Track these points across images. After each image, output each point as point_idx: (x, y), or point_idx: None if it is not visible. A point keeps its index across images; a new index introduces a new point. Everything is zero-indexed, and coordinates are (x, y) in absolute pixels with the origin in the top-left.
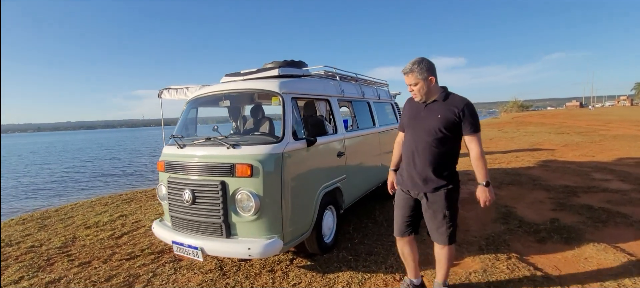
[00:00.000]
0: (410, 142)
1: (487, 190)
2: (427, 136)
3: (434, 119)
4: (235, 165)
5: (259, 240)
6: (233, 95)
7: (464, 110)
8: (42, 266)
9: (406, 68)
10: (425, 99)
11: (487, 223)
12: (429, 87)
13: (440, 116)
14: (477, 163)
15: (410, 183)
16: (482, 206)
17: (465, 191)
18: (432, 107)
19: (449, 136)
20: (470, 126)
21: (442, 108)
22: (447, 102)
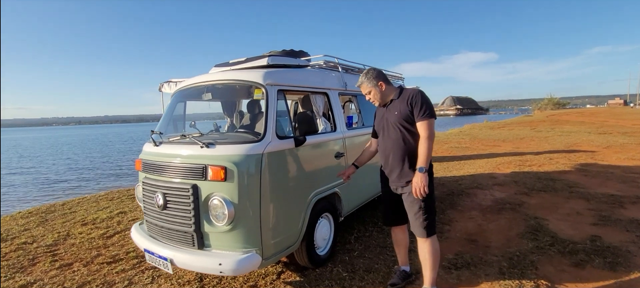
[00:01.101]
0: (382, 143)
1: (420, 177)
2: (394, 134)
3: (393, 116)
4: (208, 167)
5: (233, 254)
6: (215, 87)
7: (413, 98)
8: (24, 266)
9: (358, 82)
10: (382, 102)
11: (511, 238)
12: (381, 91)
13: (397, 112)
14: (421, 147)
15: (390, 179)
16: (414, 194)
17: (489, 197)
18: (391, 107)
19: (411, 128)
20: (419, 111)
21: (398, 103)
22: (401, 98)
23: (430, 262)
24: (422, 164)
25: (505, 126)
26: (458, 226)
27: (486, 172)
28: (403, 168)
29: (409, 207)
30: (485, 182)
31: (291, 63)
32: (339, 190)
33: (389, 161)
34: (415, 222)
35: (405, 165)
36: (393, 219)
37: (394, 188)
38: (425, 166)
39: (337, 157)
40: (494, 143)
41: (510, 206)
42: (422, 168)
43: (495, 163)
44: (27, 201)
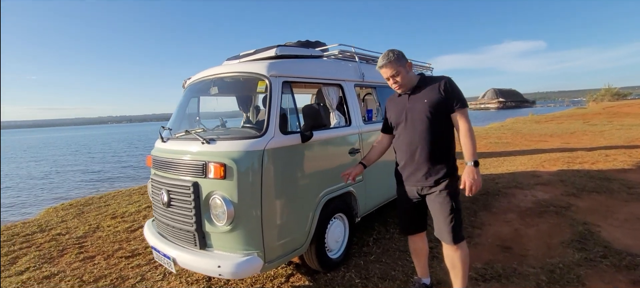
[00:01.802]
0: (406, 137)
1: (474, 171)
2: (421, 125)
3: (421, 105)
4: (208, 164)
5: (233, 256)
6: (221, 80)
7: (446, 86)
8: (53, 257)
9: (381, 62)
10: (407, 87)
11: (553, 246)
12: (409, 73)
13: (426, 99)
14: (466, 139)
15: (413, 179)
16: (467, 194)
17: (529, 198)
18: (415, 96)
19: (441, 118)
20: (456, 101)
21: (426, 91)
22: (430, 86)
23: (462, 270)
24: (473, 157)
25: (553, 120)
26: (490, 231)
27: (528, 170)
28: (433, 165)
29: (439, 210)
30: (526, 181)
31: (302, 53)
32: (354, 189)
33: (414, 158)
34: (444, 227)
35: (436, 161)
36: (413, 226)
37: (418, 190)
38: (476, 157)
39: (352, 154)
40: (540, 137)
41: (555, 209)
42: (476, 161)
43: (539, 159)
44: (73, 193)
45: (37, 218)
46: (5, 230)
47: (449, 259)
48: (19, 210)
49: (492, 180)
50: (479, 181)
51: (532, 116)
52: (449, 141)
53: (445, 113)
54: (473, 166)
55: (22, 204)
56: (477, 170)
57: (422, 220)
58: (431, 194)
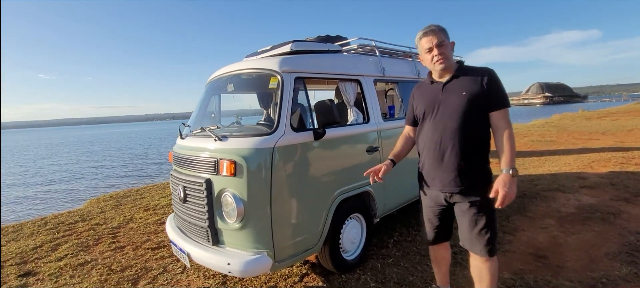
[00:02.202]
0: (434, 134)
1: (511, 181)
2: (455, 122)
3: (458, 98)
4: (219, 161)
5: (242, 254)
6: (237, 77)
7: (491, 80)
8: (89, 246)
9: (423, 30)
10: (448, 68)
11: (597, 258)
12: (451, 54)
13: (465, 92)
14: (505, 143)
15: (440, 184)
16: (498, 205)
17: (572, 203)
18: (452, 85)
19: (479, 115)
20: (500, 99)
21: (465, 82)
22: (470, 76)
23: (490, 284)
24: (510, 164)
25: (607, 116)
26: (524, 238)
27: (573, 171)
28: (466, 169)
29: (471, 221)
30: (569, 183)
31: (319, 49)
32: (371, 189)
33: (442, 159)
34: (478, 239)
35: (469, 165)
36: (438, 236)
37: (446, 196)
38: (514, 165)
39: (370, 152)
40: (590, 135)
41: (601, 215)
42: (514, 168)
43: (587, 159)
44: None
45: (81, 208)
46: (52, 218)
47: (476, 270)
48: (72, 199)
49: (531, 181)
50: (514, 192)
51: (583, 112)
52: (485, 142)
53: (485, 110)
54: (510, 175)
55: (73, 194)
56: (514, 181)
57: (447, 229)
58: (461, 203)
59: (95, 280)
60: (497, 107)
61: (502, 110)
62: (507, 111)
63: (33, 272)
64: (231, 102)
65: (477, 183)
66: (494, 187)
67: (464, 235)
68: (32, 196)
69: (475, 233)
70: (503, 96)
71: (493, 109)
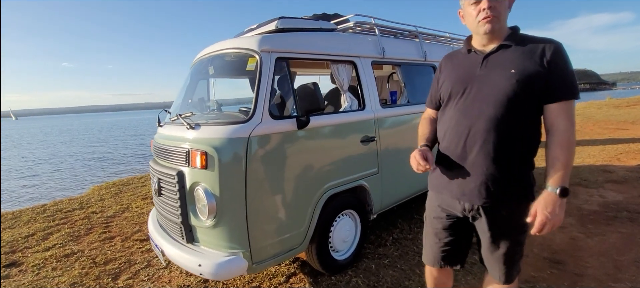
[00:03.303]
0: (461, 122)
1: (558, 204)
2: (494, 107)
3: (504, 78)
4: (191, 152)
5: (215, 254)
6: (217, 59)
7: (555, 57)
8: (79, 236)
9: None
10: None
11: (623, 264)
12: (507, 13)
13: (515, 70)
14: (562, 150)
15: (458, 190)
16: (537, 231)
17: (595, 199)
18: (497, 58)
19: (531, 104)
20: (565, 86)
21: (517, 56)
22: (523, 47)
23: None
24: (562, 181)
25: (637, 104)
26: (539, 238)
27: (598, 163)
28: (499, 176)
29: (494, 243)
30: (593, 177)
31: (308, 26)
32: (366, 183)
33: (467, 157)
34: (500, 265)
35: (506, 171)
36: (445, 258)
37: (466, 208)
38: (567, 184)
39: (365, 142)
40: (617, 125)
41: (629, 214)
42: (565, 188)
43: (614, 151)
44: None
45: (82, 195)
46: (52, 205)
47: None
48: (77, 186)
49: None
50: (561, 218)
51: (610, 100)
52: (533, 142)
53: (540, 99)
54: (558, 196)
55: (77, 180)
56: (563, 204)
57: (458, 251)
58: (484, 218)
59: (76, 273)
60: (559, 97)
61: (565, 102)
62: (573, 106)
63: (18, 263)
64: (223, 85)
65: (511, 195)
66: (532, 209)
67: (484, 253)
68: (38, 184)
69: (496, 257)
70: (570, 83)
71: (552, 99)
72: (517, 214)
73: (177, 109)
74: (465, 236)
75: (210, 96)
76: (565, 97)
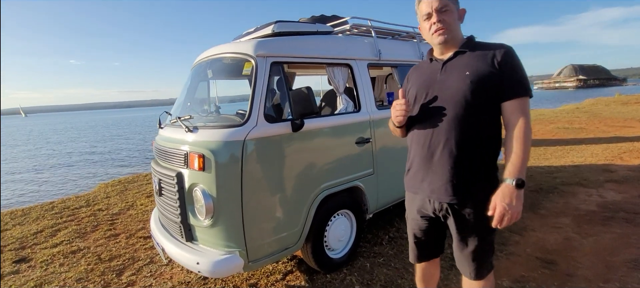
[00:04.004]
0: (425, 124)
1: (515, 194)
2: (451, 109)
3: (459, 80)
4: (189, 154)
5: (213, 252)
6: (215, 62)
7: (506, 59)
8: (86, 232)
9: None
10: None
11: (614, 265)
12: (457, 24)
13: (469, 72)
14: (518, 144)
15: (428, 189)
16: (497, 224)
17: (594, 199)
18: (454, 63)
19: (487, 104)
20: (517, 84)
21: (471, 60)
22: (478, 52)
23: None
24: (518, 172)
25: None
26: (532, 238)
27: (600, 163)
28: (463, 173)
29: (462, 240)
30: (594, 177)
31: (305, 30)
32: (362, 184)
33: (433, 157)
34: (469, 262)
35: (469, 169)
36: (427, 253)
37: (435, 206)
38: (523, 176)
39: (360, 144)
40: (624, 122)
41: (626, 215)
42: (520, 179)
43: (617, 150)
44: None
45: (89, 192)
46: (60, 202)
47: None
48: (84, 183)
49: (550, 173)
50: (519, 210)
51: (619, 97)
52: (493, 140)
53: (495, 98)
54: (514, 187)
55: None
56: (520, 195)
57: (437, 245)
58: (452, 217)
59: (82, 269)
60: (512, 95)
61: (519, 99)
62: (526, 102)
63: (27, 258)
64: (224, 87)
65: (476, 193)
66: (492, 202)
67: (455, 253)
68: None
69: (465, 254)
70: (521, 81)
71: (507, 97)
72: (483, 213)
73: (177, 111)
74: (441, 232)
75: (209, 98)
76: (518, 95)
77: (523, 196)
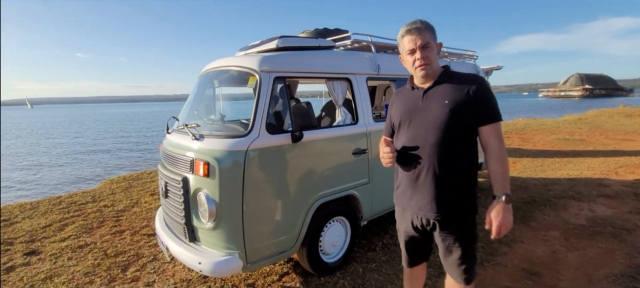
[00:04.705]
0: (411, 148)
1: (506, 209)
2: (433, 135)
3: (439, 107)
4: (195, 161)
5: (214, 253)
6: (221, 74)
7: (479, 89)
8: (92, 228)
9: (407, 27)
10: (431, 74)
11: (596, 279)
12: (437, 58)
13: (448, 100)
14: (497, 164)
15: (415, 207)
16: (495, 235)
17: (584, 213)
18: (433, 93)
19: (464, 129)
20: (490, 111)
21: (448, 89)
22: (455, 83)
23: None
24: (504, 189)
25: None
26: (521, 250)
27: (595, 177)
28: (445, 194)
29: (448, 250)
30: (587, 190)
31: (308, 44)
32: (357, 193)
33: (417, 180)
34: (456, 269)
35: (450, 189)
36: (417, 260)
37: (422, 221)
38: (509, 190)
39: (357, 154)
40: (625, 135)
41: (613, 230)
42: (507, 194)
43: (614, 164)
44: (131, 167)
45: (95, 188)
46: (67, 197)
47: None
48: (91, 178)
49: (545, 185)
50: (510, 222)
51: (623, 108)
52: (471, 162)
53: (471, 123)
54: (504, 202)
55: (91, 173)
56: (509, 208)
57: (426, 251)
58: (439, 232)
59: (89, 263)
60: (487, 121)
61: (493, 124)
62: (500, 126)
63: (37, 251)
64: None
65: (458, 208)
66: (487, 217)
67: (442, 260)
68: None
69: (451, 262)
70: (493, 109)
71: (482, 123)
72: (465, 225)
73: (185, 117)
74: (428, 241)
75: (214, 106)
76: (492, 120)
77: (512, 208)
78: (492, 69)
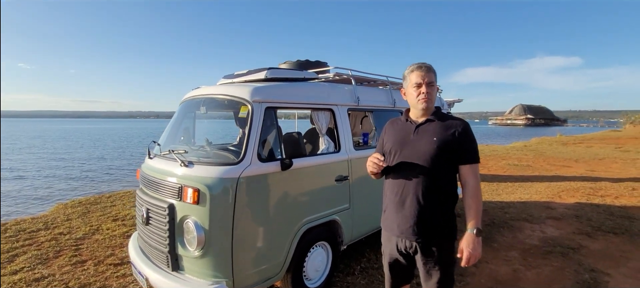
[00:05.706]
0: (398, 175)
1: (476, 241)
2: (420, 166)
3: (428, 143)
4: (183, 188)
5: (200, 282)
6: (209, 101)
7: (464, 132)
8: (48, 258)
9: (422, 64)
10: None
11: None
12: (436, 97)
13: (436, 138)
14: (473, 200)
15: (398, 230)
16: (464, 264)
17: (537, 234)
18: (425, 128)
19: (447, 166)
20: (471, 153)
21: (438, 128)
22: (443, 123)
23: None
24: (476, 223)
25: (582, 142)
26: (486, 270)
27: (543, 200)
28: (428, 221)
29: (427, 273)
30: (538, 213)
31: (294, 77)
32: (338, 218)
33: (404, 205)
34: None
35: (432, 217)
36: (400, 282)
37: (405, 244)
38: (480, 225)
39: (339, 181)
40: (563, 162)
41: (562, 249)
42: (478, 229)
43: (557, 188)
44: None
45: (46, 213)
46: (14, 224)
47: None
48: (40, 202)
49: (502, 208)
50: (479, 252)
51: (560, 137)
52: (451, 195)
53: (454, 161)
54: (475, 235)
55: (41, 196)
56: (479, 240)
57: (409, 274)
58: (420, 256)
59: None
60: (468, 161)
61: (472, 165)
62: (477, 167)
63: None
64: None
65: (438, 234)
66: (459, 246)
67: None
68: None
69: (430, 285)
70: (474, 151)
71: (463, 162)
72: (444, 250)
73: (167, 143)
74: (411, 264)
75: (195, 130)
76: (472, 161)
77: (481, 241)
78: (454, 101)
